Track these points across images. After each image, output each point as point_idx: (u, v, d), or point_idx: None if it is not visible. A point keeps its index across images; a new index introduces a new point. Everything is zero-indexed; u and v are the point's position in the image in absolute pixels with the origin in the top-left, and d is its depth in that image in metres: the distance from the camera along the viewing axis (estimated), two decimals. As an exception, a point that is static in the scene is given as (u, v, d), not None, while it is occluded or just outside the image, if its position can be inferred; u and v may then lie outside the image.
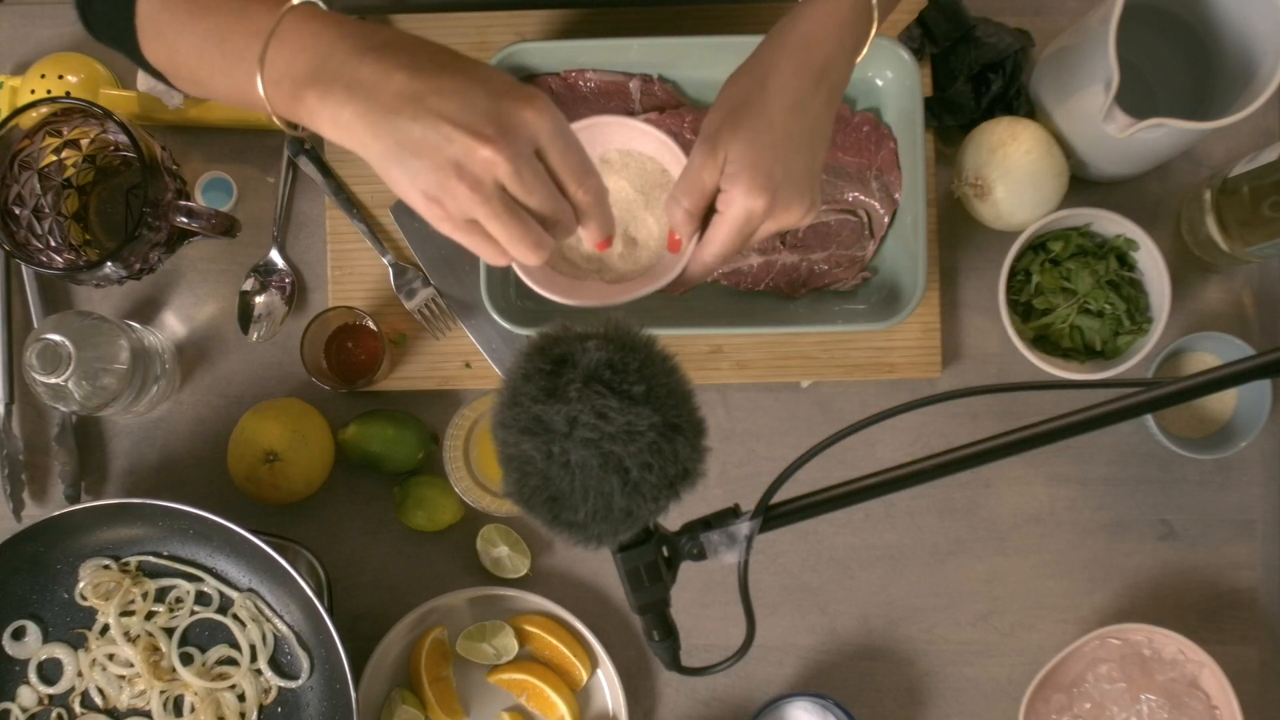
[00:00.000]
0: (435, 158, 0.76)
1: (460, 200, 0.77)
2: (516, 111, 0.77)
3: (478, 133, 0.75)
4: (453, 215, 0.78)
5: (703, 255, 0.93)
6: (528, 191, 0.78)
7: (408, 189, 0.78)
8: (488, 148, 0.76)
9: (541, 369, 0.72)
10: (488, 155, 0.76)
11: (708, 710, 1.20)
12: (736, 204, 0.89)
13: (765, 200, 0.89)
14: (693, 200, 0.92)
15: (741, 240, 0.91)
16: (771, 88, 0.90)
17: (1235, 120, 1.01)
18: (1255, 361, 0.77)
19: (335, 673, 1.10)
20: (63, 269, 1.09)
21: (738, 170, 0.89)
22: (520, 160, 0.77)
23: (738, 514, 0.80)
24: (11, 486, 1.19)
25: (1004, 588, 1.20)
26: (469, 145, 0.76)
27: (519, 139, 0.77)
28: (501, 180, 0.77)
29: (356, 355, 1.19)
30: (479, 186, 0.77)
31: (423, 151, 0.76)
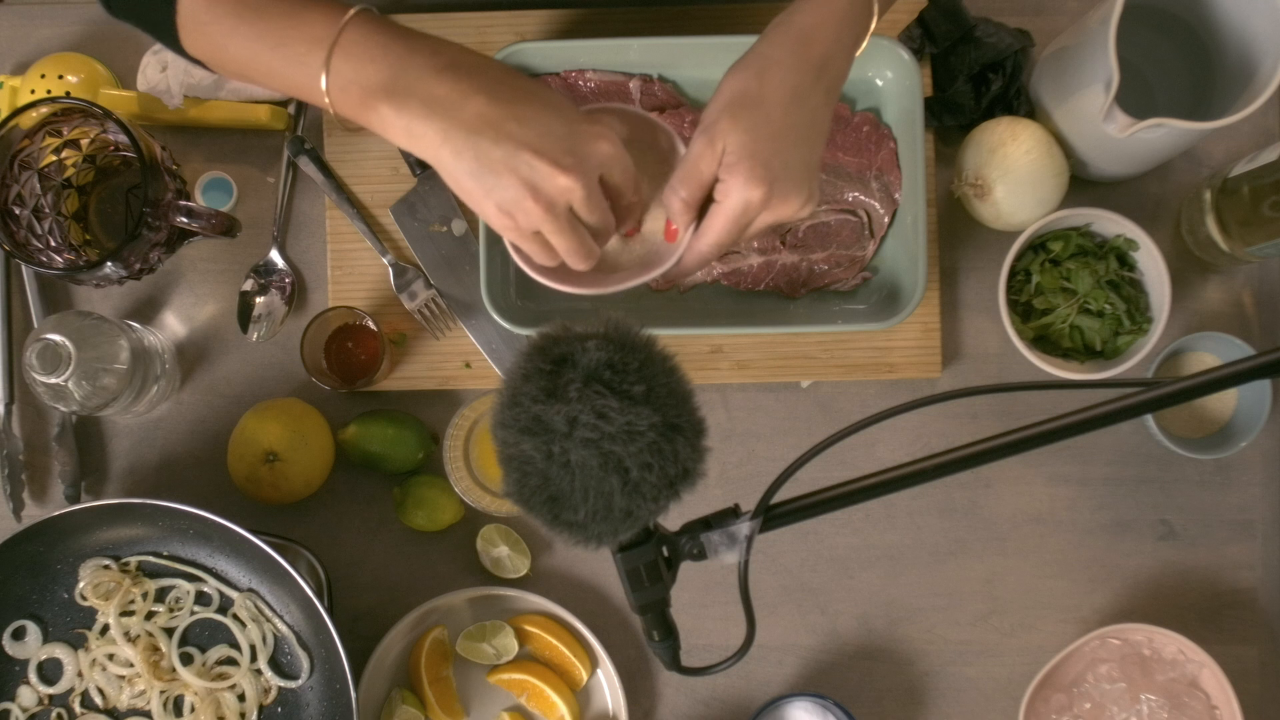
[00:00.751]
0: (514, 179, 0.84)
1: (532, 217, 0.86)
2: (591, 142, 0.86)
3: (556, 161, 0.84)
4: (521, 227, 0.87)
5: (699, 245, 0.95)
6: (591, 211, 0.88)
7: (481, 201, 0.86)
8: (566, 177, 0.85)
9: (541, 369, 0.72)
10: (565, 183, 0.85)
11: (708, 710, 1.20)
12: (734, 194, 0.91)
13: (763, 191, 0.90)
14: (690, 190, 0.93)
15: (738, 231, 0.93)
16: (770, 81, 0.91)
17: (1235, 120, 1.01)
18: (1255, 361, 0.77)
19: (335, 673, 1.10)
20: (63, 269, 1.09)
21: (736, 161, 0.90)
22: (590, 187, 0.86)
23: (738, 514, 0.80)
24: (11, 486, 1.19)
25: (1004, 588, 1.20)
26: (548, 173, 0.84)
27: (591, 168, 0.86)
28: (573, 204, 0.87)
29: (356, 355, 1.19)
30: (552, 208, 0.86)
31: (502, 172, 0.84)
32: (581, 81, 1.17)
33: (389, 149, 1.20)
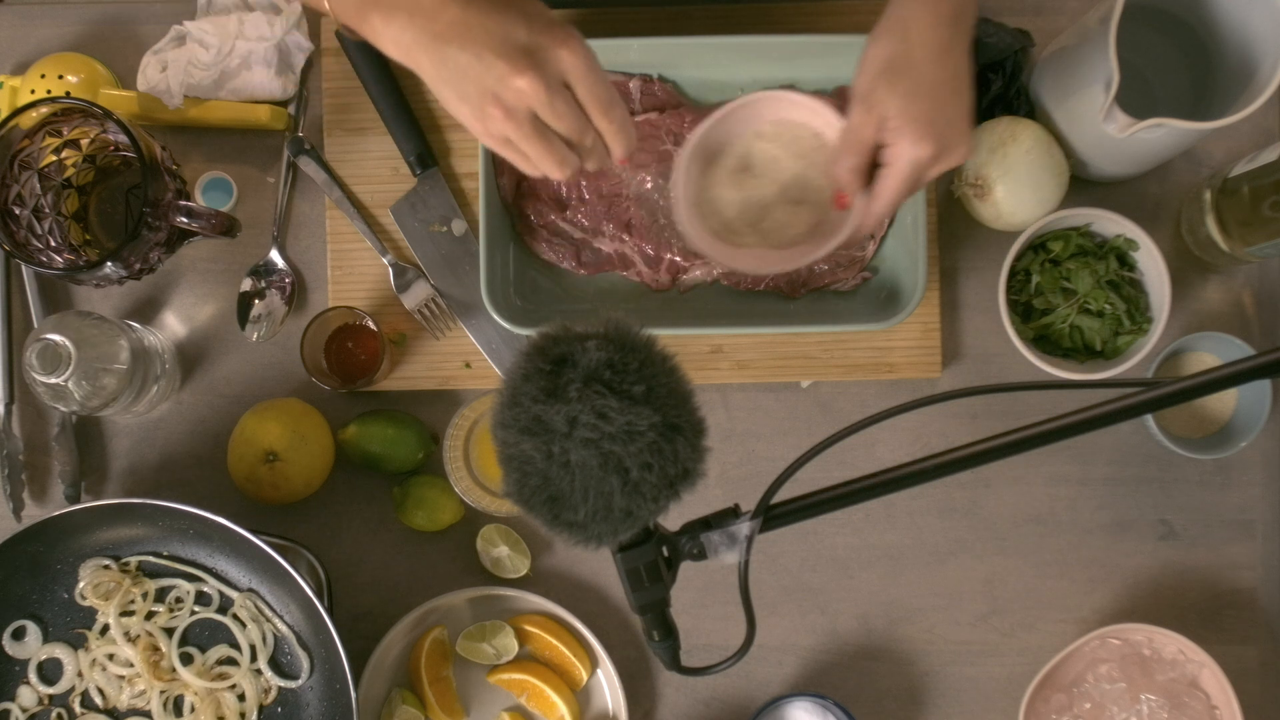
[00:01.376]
0: (477, 84, 0.86)
1: (496, 122, 0.87)
2: (551, 47, 0.86)
3: (514, 64, 0.84)
4: (492, 133, 0.88)
5: (876, 208, 0.98)
6: (556, 118, 0.87)
7: (455, 107, 0.88)
8: (521, 78, 0.84)
9: (541, 369, 0.72)
10: (520, 85, 0.85)
11: (708, 710, 1.20)
12: (905, 155, 0.94)
13: (932, 148, 0.93)
14: (857, 158, 0.96)
15: (911, 188, 0.97)
16: (914, 41, 0.95)
17: (1235, 120, 1.01)
18: (1255, 361, 0.77)
19: (335, 673, 1.10)
20: (63, 269, 1.09)
21: (901, 124, 0.93)
22: (550, 91, 0.86)
23: (738, 514, 0.80)
24: (11, 486, 1.19)
25: (1004, 588, 1.20)
26: (505, 75, 0.85)
27: (549, 72, 0.86)
28: (533, 107, 0.86)
29: (356, 355, 1.19)
30: (512, 113, 0.86)
31: (467, 77, 0.86)
32: (581, 81, 1.17)
33: (389, 149, 1.20)
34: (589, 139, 0.90)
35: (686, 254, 1.17)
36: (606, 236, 1.18)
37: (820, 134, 1.04)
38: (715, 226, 1.05)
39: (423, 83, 1.20)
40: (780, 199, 1.05)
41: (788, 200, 1.05)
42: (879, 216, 0.99)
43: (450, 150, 1.21)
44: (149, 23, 1.22)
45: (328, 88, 1.21)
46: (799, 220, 1.05)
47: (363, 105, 1.20)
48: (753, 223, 1.05)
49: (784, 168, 1.05)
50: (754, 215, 1.05)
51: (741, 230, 1.05)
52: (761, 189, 1.05)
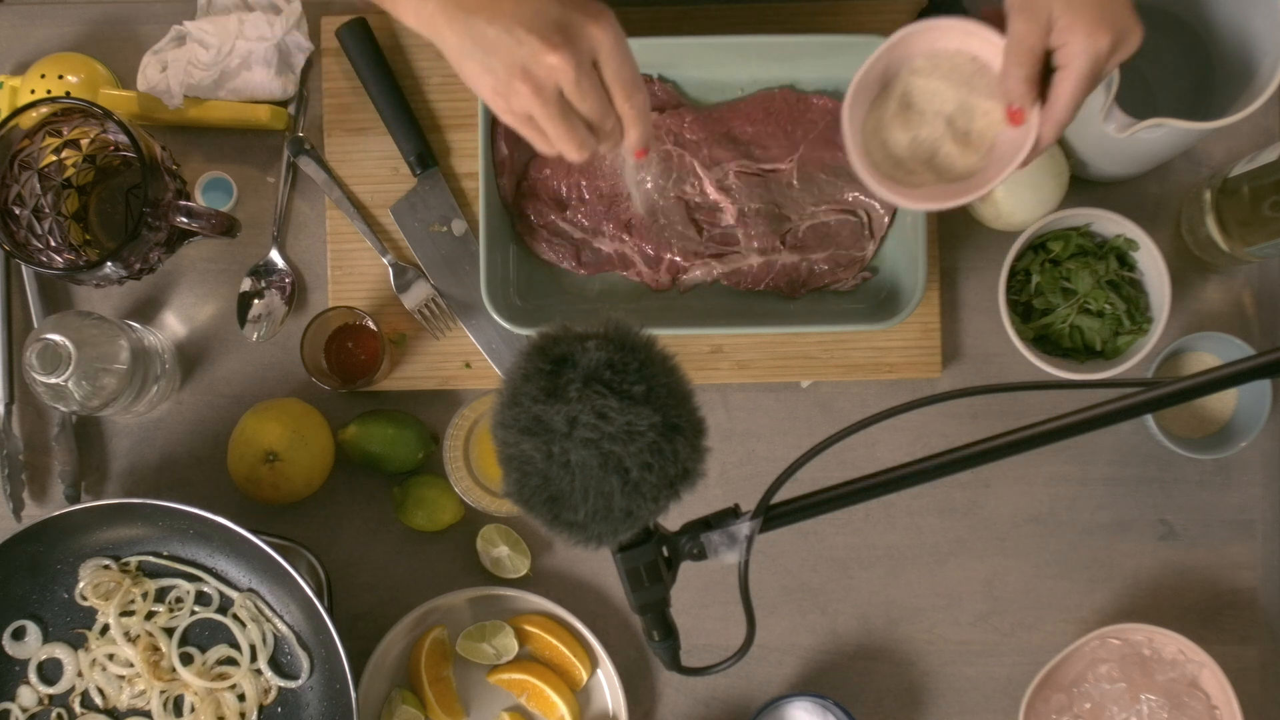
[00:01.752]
0: (505, 58, 0.84)
1: (522, 99, 0.85)
2: (584, 24, 0.84)
3: (546, 39, 0.83)
4: (514, 110, 0.87)
5: (1057, 113, 0.94)
6: (582, 98, 0.86)
7: (477, 82, 0.87)
8: (554, 55, 0.83)
9: (541, 369, 0.72)
10: (552, 62, 0.83)
11: (708, 710, 1.20)
12: (1082, 51, 0.90)
13: (1109, 36, 0.90)
14: (1028, 68, 0.93)
15: (1091, 86, 0.93)
16: None
17: (1235, 120, 1.01)
18: (1255, 361, 0.77)
19: (335, 673, 1.10)
20: (63, 269, 1.09)
21: (1070, 21, 0.90)
22: (580, 70, 0.84)
23: (738, 514, 0.80)
24: (11, 486, 1.19)
25: (1004, 588, 1.20)
26: (537, 50, 0.83)
27: (581, 50, 0.84)
28: (561, 86, 0.85)
29: (356, 355, 1.19)
30: (540, 89, 0.85)
31: (495, 51, 0.84)
32: (581, 81, 1.17)
33: (389, 149, 1.20)
34: (610, 122, 0.89)
35: (686, 254, 1.17)
36: (606, 236, 1.18)
37: (977, 57, 1.00)
38: (889, 171, 1.02)
39: (423, 83, 1.21)
40: (948, 131, 1.01)
41: (956, 131, 1.01)
42: (1061, 122, 0.94)
43: (450, 150, 1.21)
44: (149, 23, 1.22)
45: (328, 88, 1.21)
46: (972, 150, 1.01)
47: (363, 105, 1.20)
48: (926, 160, 1.02)
49: (946, 99, 1.01)
50: (926, 152, 1.02)
51: (916, 169, 1.02)
52: (927, 124, 1.02)
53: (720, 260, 1.17)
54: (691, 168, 1.17)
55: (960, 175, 1.01)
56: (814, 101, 1.17)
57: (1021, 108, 0.95)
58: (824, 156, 1.17)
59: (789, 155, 1.17)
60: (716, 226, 1.18)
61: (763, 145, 1.17)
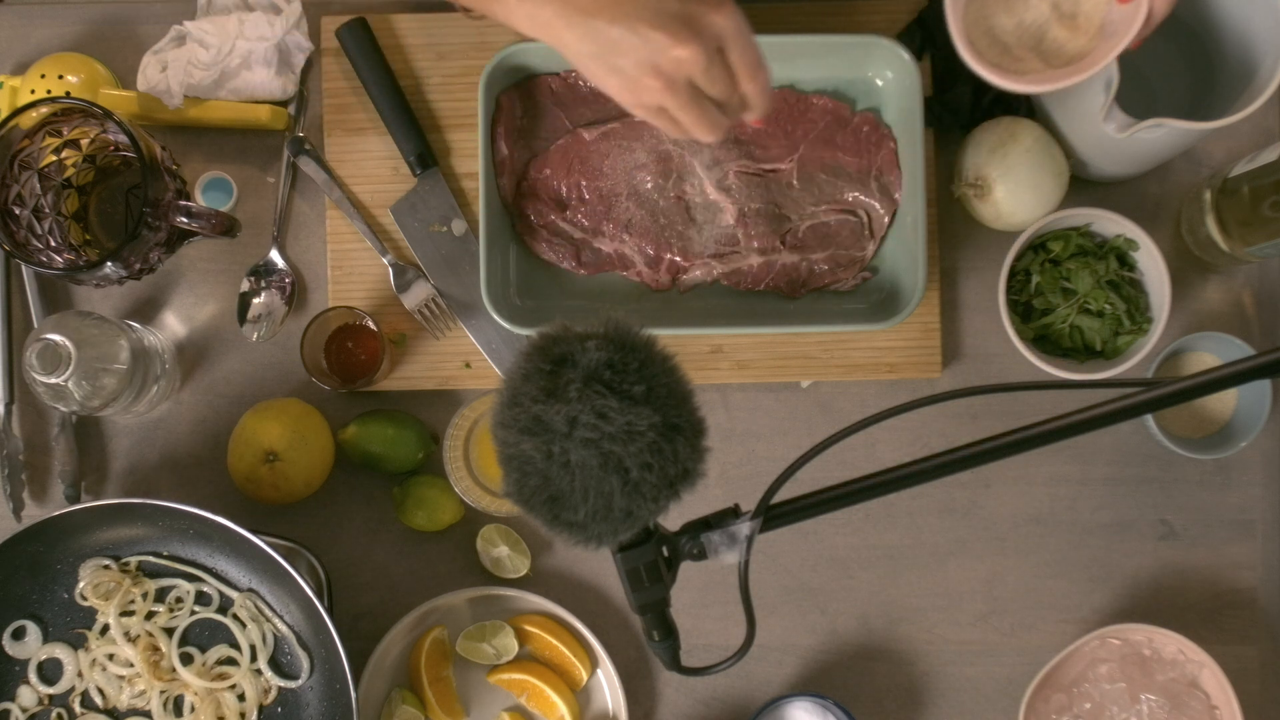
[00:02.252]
0: (632, 56, 0.85)
1: (653, 93, 0.87)
2: (706, 14, 0.85)
3: (673, 34, 0.84)
4: (645, 103, 0.88)
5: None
6: (711, 83, 0.87)
7: (604, 80, 0.88)
8: (681, 48, 0.84)
9: (541, 369, 0.72)
10: (681, 54, 0.85)
11: (708, 710, 1.20)
12: None
13: None
14: None
15: None
16: None
17: (1235, 120, 1.01)
18: (1255, 361, 0.77)
19: (335, 673, 1.10)
20: (63, 269, 1.09)
21: None
22: (709, 58, 0.86)
23: (738, 514, 0.80)
24: (11, 486, 1.19)
25: (1004, 588, 1.20)
26: (664, 45, 0.84)
27: (708, 39, 0.86)
28: (691, 76, 0.86)
29: (356, 355, 1.19)
30: (671, 83, 0.86)
31: (621, 50, 0.85)
32: (582, 81, 1.17)
33: (389, 149, 1.20)
34: (736, 99, 0.90)
35: (686, 254, 1.17)
36: (606, 236, 1.18)
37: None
38: (995, 58, 1.01)
39: (423, 83, 1.21)
40: (1054, 14, 1.01)
41: (1062, 14, 1.01)
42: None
43: (450, 150, 1.21)
44: (149, 23, 1.22)
45: (328, 88, 1.21)
46: (1080, 32, 1.00)
47: (363, 105, 1.20)
48: (1033, 46, 1.01)
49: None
50: (1032, 37, 1.01)
51: (1023, 56, 1.02)
52: (1032, 8, 1.01)
53: (720, 260, 1.17)
54: (691, 168, 1.17)
55: (1069, 59, 1.00)
56: (814, 101, 1.17)
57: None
58: (824, 156, 1.17)
59: (789, 155, 1.17)
60: (716, 226, 1.18)
61: (763, 145, 1.17)
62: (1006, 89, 1.00)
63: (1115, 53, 0.97)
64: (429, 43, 1.21)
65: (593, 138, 1.17)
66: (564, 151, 1.17)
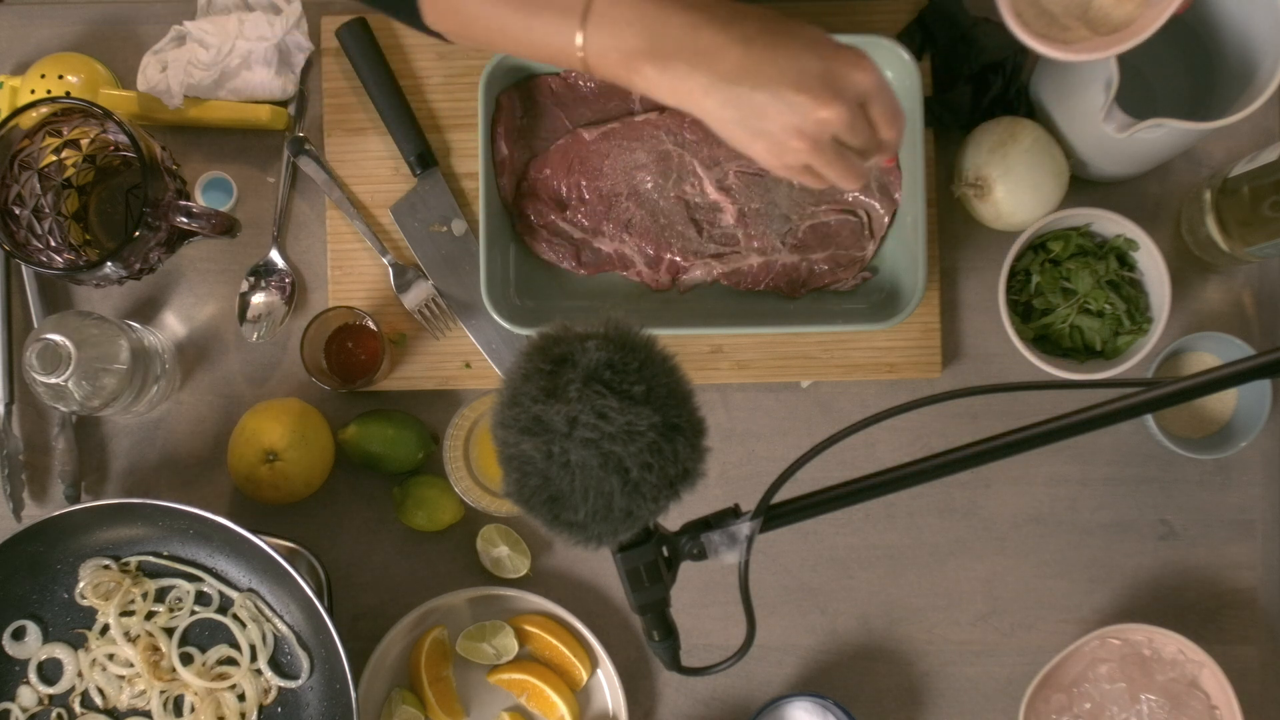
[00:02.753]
0: (778, 121, 0.86)
1: (800, 154, 0.88)
2: (847, 74, 0.86)
3: (817, 97, 0.85)
4: (791, 164, 0.89)
5: None
6: (854, 137, 0.88)
7: (749, 145, 0.88)
8: (825, 110, 0.85)
9: (541, 369, 0.72)
10: (825, 116, 0.85)
11: (708, 710, 1.20)
12: None
13: None
14: None
15: None
16: None
17: (1235, 120, 1.01)
18: (1255, 361, 0.77)
19: (335, 673, 1.10)
20: (63, 269, 1.09)
21: None
22: (852, 115, 0.87)
23: (738, 514, 0.80)
24: (11, 486, 1.19)
25: (1004, 588, 1.20)
26: (808, 109, 0.85)
27: (850, 98, 0.86)
28: (836, 134, 0.87)
29: (356, 355, 1.19)
30: (817, 143, 0.87)
31: (765, 115, 0.85)
32: (582, 82, 1.17)
33: (389, 149, 1.20)
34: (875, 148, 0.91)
35: (686, 254, 1.17)
36: (606, 236, 1.18)
37: None
38: (1041, 28, 1.01)
39: (423, 83, 1.21)
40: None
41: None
42: None
43: (450, 150, 1.21)
44: (149, 23, 1.22)
45: (328, 88, 1.21)
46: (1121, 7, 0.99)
47: (363, 105, 1.20)
48: (1079, 15, 1.01)
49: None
50: (1079, 6, 1.01)
51: (1070, 25, 1.01)
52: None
53: (720, 260, 1.17)
54: (691, 168, 1.17)
55: (1116, 26, 1.00)
56: (814, 101, 1.17)
57: None
58: (824, 156, 1.17)
59: (789, 155, 1.17)
60: (716, 226, 1.18)
61: (763, 145, 1.17)
62: (1056, 58, 0.99)
63: (1164, 17, 0.95)
64: (429, 43, 1.20)
65: (593, 138, 1.17)
66: (564, 151, 1.17)
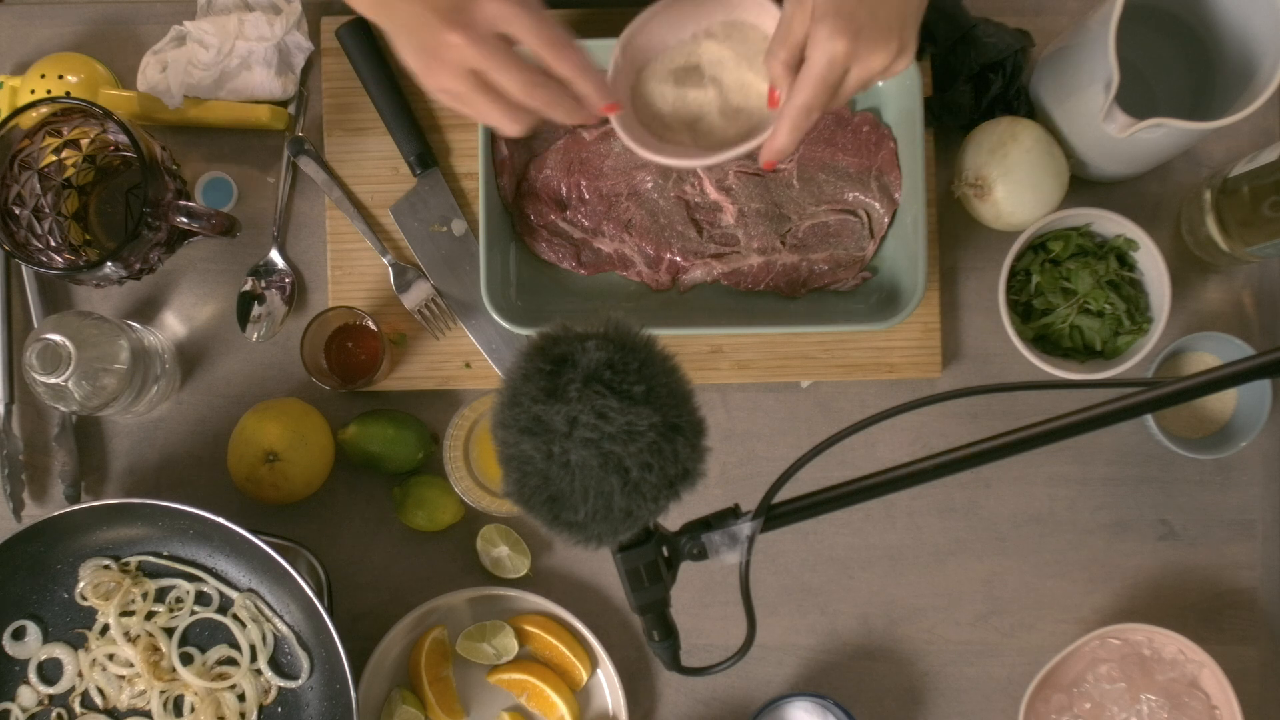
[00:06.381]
0: (419, 38, 0.86)
1: (440, 76, 0.87)
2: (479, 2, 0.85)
3: (445, 18, 0.84)
4: (438, 88, 0.89)
5: (789, 109, 0.90)
6: (497, 70, 0.86)
7: (407, 60, 0.89)
8: (452, 34, 0.84)
9: (541, 369, 0.72)
10: (453, 41, 0.85)
11: (708, 710, 1.20)
12: (818, 49, 0.87)
13: (846, 43, 0.86)
14: (786, 50, 0.90)
15: (827, 90, 0.89)
16: None
17: (1235, 120, 1.01)
18: (1255, 361, 0.77)
19: (335, 673, 1.10)
20: (63, 269, 1.09)
21: (822, 14, 0.87)
22: (483, 44, 0.85)
23: (738, 514, 0.80)
24: (11, 486, 1.19)
25: (1004, 588, 1.20)
26: (437, 30, 0.85)
27: (479, 24, 0.85)
28: (469, 64, 0.86)
29: (356, 355, 1.19)
30: (453, 68, 0.86)
31: (413, 29, 0.86)
32: (581, 81, 1.17)
33: (389, 149, 1.20)
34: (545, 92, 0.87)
35: (686, 254, 1.17)
36: (606, 236, 1.18)
37: (769, 35, 0.98)
38: (648, 120, 1.01)
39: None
40: (719, 101, 1.01)
41: (727, 103, 1.01)
42: (792, 119, 0.90)
43: (450, 150, 1.21)
44: (149, 23, 1.22)
45: (328, 88, 1.21)
46: (736, 124, 1.00)
47: (363, 105, 1.20)
48: (689, 123, 1.01)
49: (729, 70, 1.00)
50: (690, 115, 1.01)
51: (676, 127, 1.01)
52: (702, 89, 1.01)
53: (720, 260, 1.17)
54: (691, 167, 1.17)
55: (716, 144, 1.00)
56: (814, 101, 1.17)
57: (779, 91, 0.93)
58: (824, 156, 1.17)
59: (789, 155, 1.17)
60: (716, 226, 1.18)
61: (763, 145, 1.17)
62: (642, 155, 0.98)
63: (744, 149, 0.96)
64: (429, 43, 1.21)
65: (593, 138, 1.17)
66: (564, 151, 1.17)
